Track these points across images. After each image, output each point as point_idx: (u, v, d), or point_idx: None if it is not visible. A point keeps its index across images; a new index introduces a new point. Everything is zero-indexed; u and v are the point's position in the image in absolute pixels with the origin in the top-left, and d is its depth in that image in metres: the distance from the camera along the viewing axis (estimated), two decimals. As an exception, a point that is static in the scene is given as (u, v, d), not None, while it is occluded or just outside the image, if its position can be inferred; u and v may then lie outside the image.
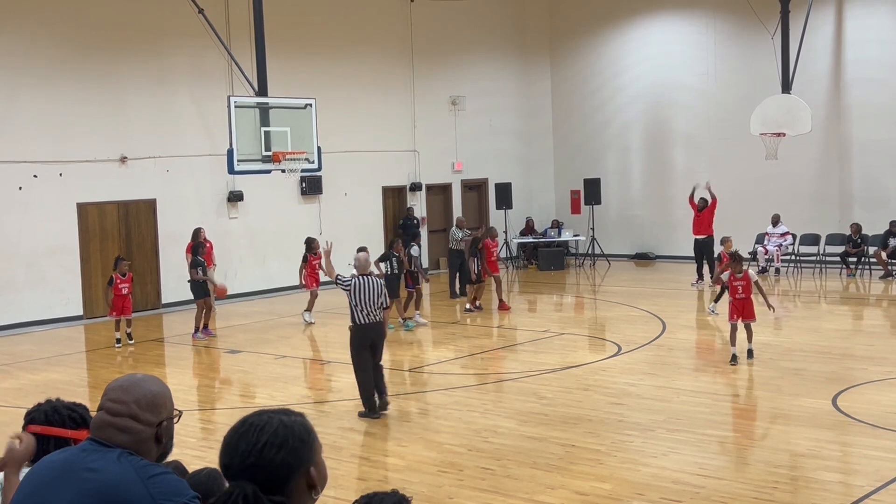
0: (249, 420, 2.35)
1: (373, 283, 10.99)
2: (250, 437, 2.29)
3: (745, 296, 12.96)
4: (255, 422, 2.33)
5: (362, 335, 10.90)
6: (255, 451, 2.26)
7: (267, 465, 2.25)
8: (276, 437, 2.29)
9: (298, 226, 22.55)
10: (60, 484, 2.77)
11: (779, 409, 10.59)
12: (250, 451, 2.26)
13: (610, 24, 27.18)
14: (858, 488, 7.99)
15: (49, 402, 3.84)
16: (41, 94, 18.63)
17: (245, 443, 2.28)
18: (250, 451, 2.27)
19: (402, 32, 24.99)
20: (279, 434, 2.29)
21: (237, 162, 15.38)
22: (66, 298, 19.08)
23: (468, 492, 8.19)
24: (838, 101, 23.28)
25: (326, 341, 16.45)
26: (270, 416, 2.35)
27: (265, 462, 2.25)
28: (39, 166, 18.61)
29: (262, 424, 2.31)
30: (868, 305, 19.16)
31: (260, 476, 2.24)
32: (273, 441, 2.28)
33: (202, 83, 20.61)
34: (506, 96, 27.79)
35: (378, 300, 10.88)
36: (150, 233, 20.36)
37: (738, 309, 13.01)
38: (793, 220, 23.02)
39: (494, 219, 27.06)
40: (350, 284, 10.91)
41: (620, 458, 9.06)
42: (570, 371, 13.10)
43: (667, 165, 26.37)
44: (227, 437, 2.31)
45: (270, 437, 2.28)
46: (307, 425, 2.38)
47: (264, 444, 2.27)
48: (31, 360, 15.22)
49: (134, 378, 2.96)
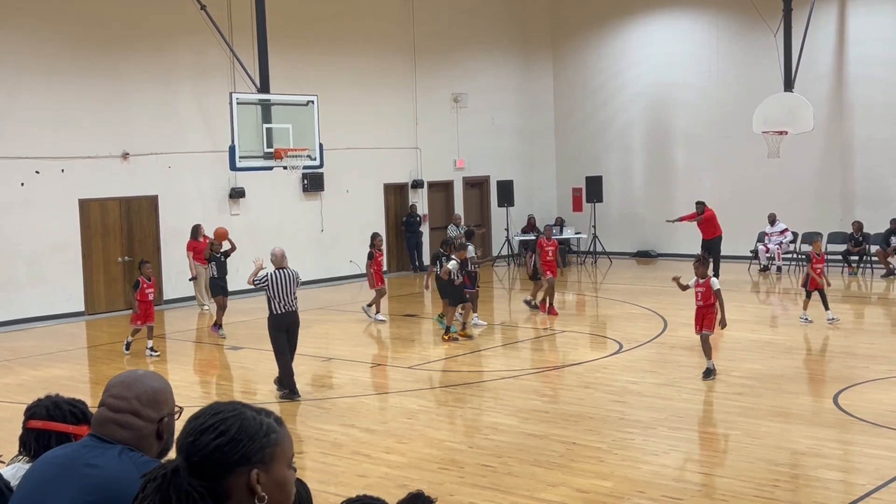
0: (217, 404, 2.32)
1: (288, 275, 11.87)
2: (203, 418, 2.26)
3: (704, 303, 12.05)
4: (219, 407, 2.30)
5: (278, 323, 11.89)
6: (197, 432, 2.23)
7: (201, 448, 2.21)
8: (222, 423, 2.23)
9: (300, 223, 22.58)
10: (61, 480, 2.77)
11: (780, 407, 10.58)
12: (194, 431, 2.24)
13: (612, 22, 27.16)
14: (859, 487, 7.99)
15: (49, 398, 3.85)
16: (43, 90, 18.63)
17: (196, 422, 2.26)
18: (195, 430, 2.24)
19: (405, 29, 24.98)
20: (227, 422, 2.24)
21: (239, 158, 15.36)
22: (67, 295, 19.09)
23: (469, 489, 8.20)
24: (840, 99, 23.26)
25: (327, 338, 16.45)
26: (236, 406, 2.30)
27: (200, 444, 2.22)
28: (41, 162, 18.61)
29: (220, 410, 2.28)
30: (869, 304, 19.15)
31: (193, 456, 2.22)
32: (217, 426, 2.23)
33: (204, 79, 20.61)
34: (508, 94, 27.78)
35: (294, 291, 11.84)
36: (152, 229, 20.36)
37: (700, 317, 12.13)
38: (794, 219, 23.01)
39: (496, 216, 27.08)
40: (266, 281, 11.88)
41: (621, 455, 9.06)
42: (571, 369, 13.11)
43: (669, 163, 26.36)
44: (190, 415, 2.31)
45: (217, 422, 2.24)
46: (271, 428, 2.28)
47: (207, 427, 2.23)
48: (33, 357, 15.23)
49: (135, 374, 2.96)
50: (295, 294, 11.92)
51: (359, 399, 11.80)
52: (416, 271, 24.94)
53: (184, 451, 2.22)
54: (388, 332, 17.04)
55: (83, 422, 3.73)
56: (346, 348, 15.18)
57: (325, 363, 14.20)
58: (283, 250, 12.33)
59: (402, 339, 16.13)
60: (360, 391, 12.27)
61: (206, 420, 2.24)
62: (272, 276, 11.85)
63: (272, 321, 11.97)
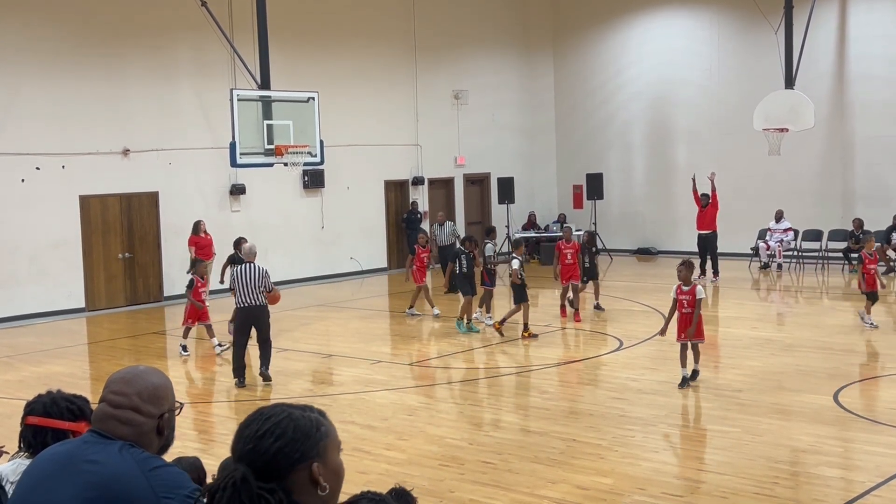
0: (262, 409, 2.44)
1: (253, 270, 12.30)
2: (256, 424, 2.38)
3: (692, 311, 11.44)
4: (267, 412, 2.42)
5: (243, 316, 12.42)
6: (255, 438, 2.36)
7: (263, 453, 2.34)
8: (277, 427, 2.36)
9: (300, 219, 22.58)
10: (62, 476, 2.77)
11: (780, 405, 10.59)
12: (251, 437, 2.36)
13: (613, 20, 27.14)
14: (859, 484, 7.99)
15: (49, 394, 3.85)
16: (44, 87, 18.62)
17: (249, 429, 2.38)
18: (251, 437, 2.36)
19: (406, 26, 24.97)
20: (281, 425, 2.37)
21: (240, 155, 15.37)
22: (68, 291, 19.09)
23: (469, 486, 8.20)
24: (841, 97, 23.25)
25: (328, 335, 16.45)
26: (283, 408, 2.43)
27: (262, 450, 2.34)
28: (42, 158, 18.61)
29: (271, 415, 2.40)
30: (870, 301, 19.11)
31: (257, 462, 2.33)
32: (273, 431, 2.36)
33: (205, 76, 20.61)
34: (509, 91, 27.77)
35: (259, 286, 12.24)
36: (153, 225, 20.36)
37: (684, 326, 11.51)
38: (795, 216, 23.02)
39: (496, 213, 27.07)
40: (232, 278, 12.54)
41: (622, 452, 9.06)
42: (571, 366, 13.11)
43: (669, 161, 26.35)
44: (240, 424, 2.42)
45: (273, 426, 2.36)
46: (319, 422, 2.42)
47: (264, 433, 2.36)
48: (33, 353, 15.23)
49: (136, 370, 2.97)
50: (260, 289, 12.26)
51: (359, 396, 11.80)
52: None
53: (246, 459, 2.34)
54: (388, 328, 17.04)
55: (80, 418, 3.74)
56: (346, 345, 15.18)
57: (325, 360, 14.20)
58: (250, 245, 12.94)
59: (402, 336, 16.13)
60: (360, 388, 12.27)
61: (260, 426, 2.37)
62: (236, 272, 12.43)
63: (238, 314, 12.56)
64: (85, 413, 3.78)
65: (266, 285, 12.32)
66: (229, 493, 2.30)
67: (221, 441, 9.86)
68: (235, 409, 11.67)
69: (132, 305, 19.86)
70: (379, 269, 24.41)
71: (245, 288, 12.24)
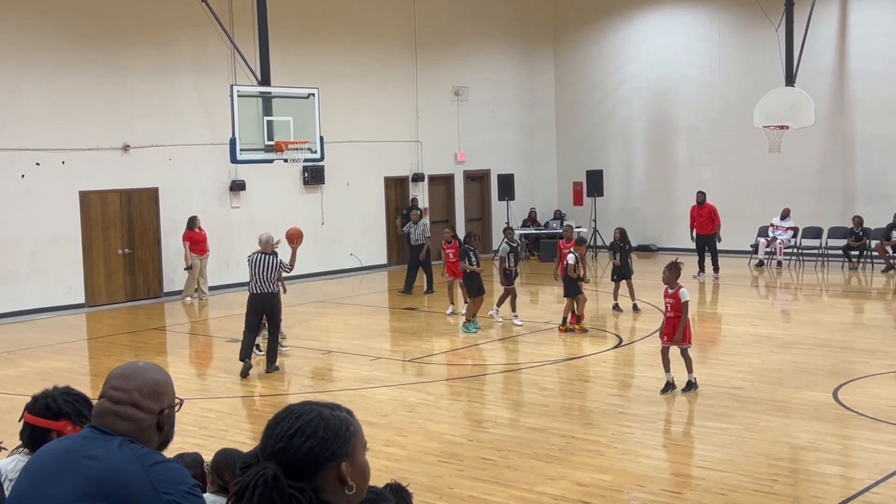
0: (292, 408, 2.45)
1: (267, 260, 12.69)
2: (286, 423, 2.39)
3: (675, 315, 11.02)
4: (296, 410, 2.43)
5: (253, 302, 12.85)
6: (286, 437, 2.36)
7: (294, 452, 2.34)
8: (308, 426, 2.37)
9: (300, 216, 22.52)
10: (62, 472, 2.77)
11: (779, 402, 10.59)
12: (282, 436, 2.36)
13: (614, 16, 27.13)
14: (859, 481, 8.00)
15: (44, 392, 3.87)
16: (44, 82, 18.61)
17: (280, 427, 2.38)
18: (282, 435, 2.36)
19: (406, 22, 24.95)
20: (312, 424, 2.37)
21: (240, 151, 15.35)
22: (67, 287, 19.09)
23: (469, 482, 8.21)
24: (842, 94, 23.24)
25: (328, 331, 16.46)
26: (313, 407, 2.44)
27: (292, 448, 2.34)
28: (42, 154, 18.60)
29: (300, 413, 2.41)
30: (870, 299, 19.14)
31: (286, 461, 2.34)
32: (304, 429, 2.36)
33: (205, 72, 20.59)
34: (509, 87, 27.75)
35: (271, 276, 12.66)
36: (153, 221, 20.36)
37: (669, 331, 11.10)
38: (795, 214, 23.02)
39: (496, 210, 27.06)
40: (250, 261, 12.89)
41: (621, 449, 9.07)
42: (571, 362, 13.11)
43: (669, 158, 26.35)
44: (269, 421, 2.43)
45: (303, 425, 2.37)
46: (349, 422, 2.43)
47: (295, 431, 2.36)
48: (33, 348, 15.24)
49: (136, 366, 2.97)
50: (271, 278, 12.68)
51: (359, 392, 11.81)
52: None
53: (276, 457, 2.34)
54: (388, 325, 17.04)
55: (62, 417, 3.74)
56: (346, 341, 15.18)
57: (324, 356, 14.21)
58: (267, 236, 13.09)
59: (402, 333, 16.13)
60: (359, 384, 12.28)
61: (291, 424, 2.37)
62: (253, 259, 12.83)
63: (249, 300, 12.98)
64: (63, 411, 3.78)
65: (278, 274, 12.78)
66: (260, 491, 2.29)
67: (221, 437, 9.87)
68: (235, 405, 11.68)
69: (132, 301, 19.86)
70: (379, 265, 24.41)
71: (258, 276, 12.69)
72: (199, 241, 19.74)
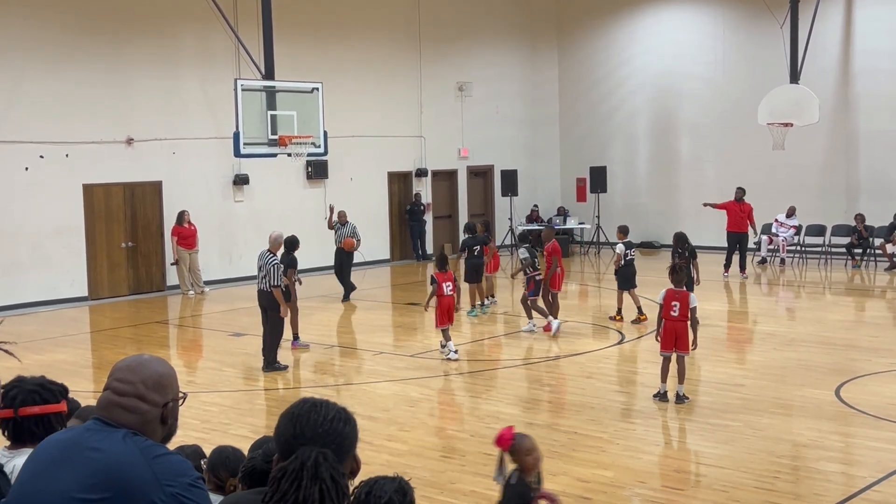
0: (311, 399, 2.54)
1: (268, 258, 12.77)
2: (319, 410, 2.48)
3: (681, 319, 10.45)
4: (317, 401, 2.52)
5: (258, 299, 13.01)
6: (327, 422, 2.46)
7: (336, 435, 2.45)
8: (342, 413, 2.50)
9: (304, 210, 22.57)
10: (65, 463, 2.78)
11: (782, 399, 10.59)
12: (322, 421, 2.46)
13: (618, 12, 27.10)
14: (860, 479, 8.00)
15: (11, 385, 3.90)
16: (48, 76, 18.62)
17: (316, 414, 2.47)
18: (322, 420, 2.46)
19: (410, 17, 24.93)
20: (343, 412, 2.51)
21: (243, 145, 15.36)
22: (70, 279, 19.11)
23: (470, 477, 8.21)
24: (846, 91, 23.21)
25: (329, 326, 16.47)
26: (322, 399, 2.55)
27: (336, 432, 2.45)
28: (46, 147, 18.61)
29: (323, 403, 2.52)
30: (872, 297, 19.13)
31: (331, 444, 2.43)
32: (340, 416, 2.49)
33: (209, 66, 20.59)
34: (513, 83, 27.73)
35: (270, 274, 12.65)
36: (156, 215, 20.37)
37: (671, 335, 10.45)
38: (799, 211, 22.98)
39: (499, 206, 27.05)
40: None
41: (623, 445, 9.07)
42: (573, 358, 13.11)
43: (673, 154, 26.33)
44: (294, 411, 2.49)
45: (337, 412, 2.49)
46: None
47: (334, 416, 2.47)
48: (36, 341, 15.25)
49: (141, 359, 2.97)
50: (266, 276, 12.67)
51: (361, 387, 11.82)
52: (418, 260, 24.95)
53: (319, 440, 2.42)
54: (391, 319, 17.05)
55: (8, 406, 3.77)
56: (348, 336, 15.19)
57: (327, 350, 14.22)
58: (276, 234, 13.41)
59: (404, 327, 16.14)
60: (362, 379, 12.29)
61: (325, 411, 2.49)
62: (260, 254, 13.02)
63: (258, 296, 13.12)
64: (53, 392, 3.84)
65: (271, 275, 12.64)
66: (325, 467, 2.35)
67: (223, 431, 9.88)
68: (237, 398, 11.69)
69: (135, 294, 19.89)
70: (382, 260, 24.41)
71: (259, 273, 12.87)
72: (187, 235, 19.82)
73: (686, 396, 10.49)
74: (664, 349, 10.54)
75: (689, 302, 10.43)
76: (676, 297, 10.48)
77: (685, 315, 10.44)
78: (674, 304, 10.45)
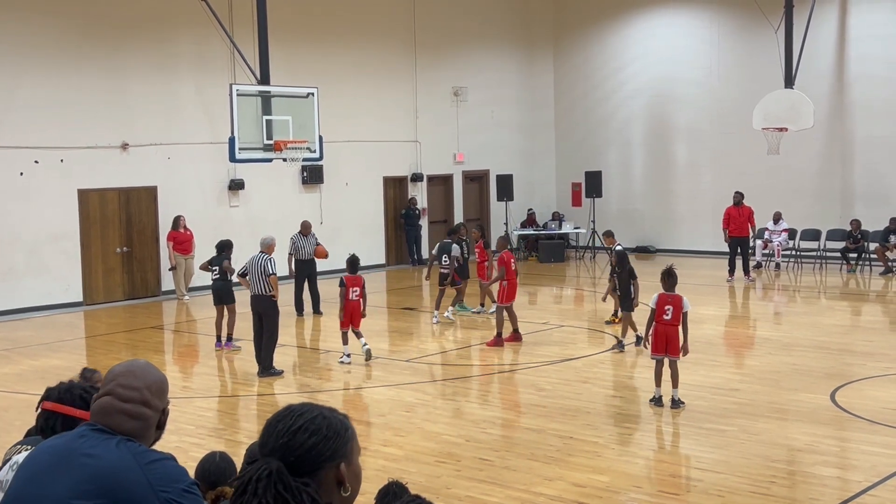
0: (293, 407, 2.45)
1: (261, 260, 12.84)
2: (289, 420, 2.39)
3: (673, 324, 10.47)
4: (297, 409, 2.44)
5: (252, 304, 12.92)
6: (290, 433, 2.36)
7: (297, 448, 2.34)
8: (311, 423, 2.38)
9: (299, 215, 22.48)
10: (58, 469, 2.77)
11: (777, 404, 10.60)
12: (285, 432, 2.36)
13: (614, 18, 27.13)
14: (856, 483, 8.00)
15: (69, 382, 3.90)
16: (43, 81, 18.59)
17: (283, 424, 2.39)
18: (285, 431, 2.36)
19: (406, 22, 24.94)
20: (315, 422, 2.39)
21: (239, 150, 15.35)
22: (66, 285, 19.07)
23: (466, 482, 8.21)
24: (841, 96, 23.26)
25: (325, 331, 16.45)
26: (313, 406, 2.45)
27: (296, 444, 2.34)
28: (41, 152, 18.59)
29: (302, 411, 2.42)
30: (867, 301, 19.15)
31: (289, 456, 2.33)
32: (308, 426, 2.37)
33: (204, 71, 20.59)
34: (508, 88, 27.75)
35: (260, 277, 12.69)
36: (151, 220, 20.35)
37: (662, 339, 10.46)
38: (794, 216, 23.01)
39: (495, 211, 27.06)
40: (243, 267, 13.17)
41: (618, 450, 9.07)
42: (569, 363, 13.11)
43: (669, 159, 26.36)
44: (270, 419, 2.44)
45: (307, 423, 2.38)
46: (346, 424, 2.46)
47: (299, 428, 2.36)
48: (31, 346, 15.23)
49: (139, 364, 2.97)
50: (263, 280, 12.69)
51: (356, 392, 11.80)
52: (414, 265, 24.93)
53: (278, 453, 2.34)
54: (386, 324, 17.04)
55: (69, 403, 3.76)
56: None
57: (322, 355, 14.20)
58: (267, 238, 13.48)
59: (399, 333, 16.13)
60: (357, 384, 12.28)
61: (293, 422, 2.38)
62: (251, 260, 13.03)
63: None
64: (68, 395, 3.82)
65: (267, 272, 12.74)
66: (264, 484, 2.28)
67: (218, 436, 9.87)
68: (233, 404, 11.68)
69: (130, 300, 19.85)
70: (377, 265, 24.40)
71: (253, 277, 12.82)
72: (183, 241, 19.79)
73: (681, 401, 10.51)
74: (655, 352, 10.57)
75: (682, 306, 10.47)
76: (669, 300, 10.52)
77: (677, 319, 10.46)
78: (667, 308, 10.48)
